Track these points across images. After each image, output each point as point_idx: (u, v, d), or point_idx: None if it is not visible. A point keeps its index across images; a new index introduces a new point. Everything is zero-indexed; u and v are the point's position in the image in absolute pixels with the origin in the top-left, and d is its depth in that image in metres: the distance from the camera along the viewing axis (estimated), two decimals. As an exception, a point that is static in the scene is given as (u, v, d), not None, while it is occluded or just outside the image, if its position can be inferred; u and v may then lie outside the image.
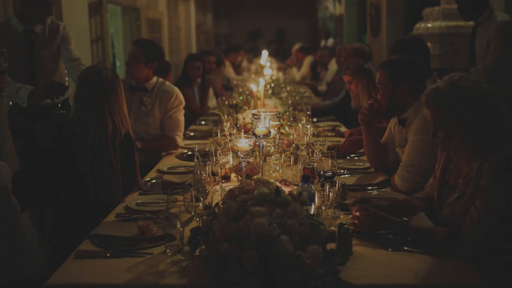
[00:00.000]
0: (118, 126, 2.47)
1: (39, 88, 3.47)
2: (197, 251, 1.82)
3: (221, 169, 2.54)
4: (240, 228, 1.60)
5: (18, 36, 3.56)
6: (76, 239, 2.01)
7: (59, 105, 3.62)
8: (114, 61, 8.36)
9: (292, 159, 2.71)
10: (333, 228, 1.97)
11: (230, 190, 1.82)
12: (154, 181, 2.79)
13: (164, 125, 3.55)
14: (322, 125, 4.46)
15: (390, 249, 1.85)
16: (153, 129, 3.51)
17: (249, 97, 5.22)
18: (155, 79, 3.53)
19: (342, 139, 3.82)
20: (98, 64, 3.34)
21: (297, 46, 11.32)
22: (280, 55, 18.01)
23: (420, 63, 2.75)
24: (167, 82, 3.58)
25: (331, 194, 2.05)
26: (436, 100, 1.97)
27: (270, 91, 6.18)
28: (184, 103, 3.61)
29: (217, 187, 2.54)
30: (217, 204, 1.84)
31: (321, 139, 3.05)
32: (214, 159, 2.42)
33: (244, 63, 11.91)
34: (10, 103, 3.69)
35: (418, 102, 2.64)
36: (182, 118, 3.61)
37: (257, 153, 2.50)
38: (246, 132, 3.38)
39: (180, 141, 3.60)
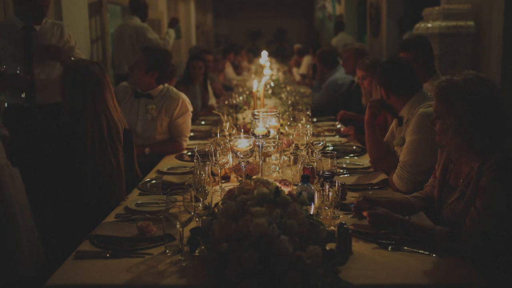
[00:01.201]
0: (114, 121, 2.46)
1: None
2: (196, 251, 1.82)
3: (220, 169, 2.54)
4: (240, 228, 1.60)
5: (17, 33, 3.64)
6: (76, 239, 2.01)
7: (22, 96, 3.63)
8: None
9: (291, 159, 2.71)
10: (333, 228, 1.97)
11: (230, 190, 1.82)
12: (154, 181, 2.79)
13: (171, 130, 3.56)
14: (321, 125, 4.46)
15: (390, 249, 1.85)
16: (159, 135, 3.52)
17: (249, 97, 5.22)
18: (160, 86, 3.53)
19: (341, 139, 3.83)
20: (82, 59, 3.32)
21: (295, 48, 11.40)
22: (280, 55, 17.98)
23: (407, 62, 2.83)
24: (174, 89, 3.58)
25: (330, 194, 2.05)
26: (445, 92, 1.96)
27: (270, 91, 6.18)
28: (191, 108, 3.61)
29: (217, 187, 2.54)
30: (216, 204, 1.84)
31: (321, 139, 3.04)
32: (214, 159, 2.42)
33: (244, 63, 11.90)
34: (6, 104, 3.71)
35: (412, 100, 2.67)
36: (188, 123, 3.61)
37: (257, 153, 2.50)
38: (245, 132, 3.37)
39: (185, 144, 3.61)
